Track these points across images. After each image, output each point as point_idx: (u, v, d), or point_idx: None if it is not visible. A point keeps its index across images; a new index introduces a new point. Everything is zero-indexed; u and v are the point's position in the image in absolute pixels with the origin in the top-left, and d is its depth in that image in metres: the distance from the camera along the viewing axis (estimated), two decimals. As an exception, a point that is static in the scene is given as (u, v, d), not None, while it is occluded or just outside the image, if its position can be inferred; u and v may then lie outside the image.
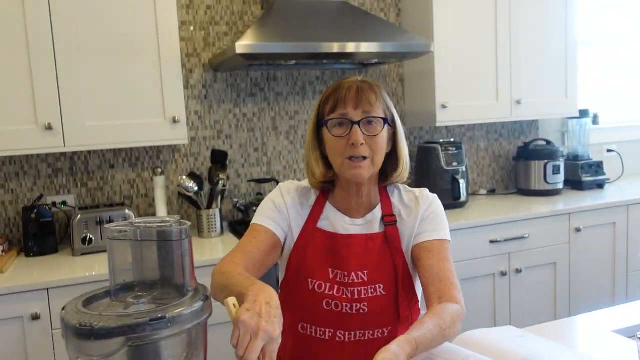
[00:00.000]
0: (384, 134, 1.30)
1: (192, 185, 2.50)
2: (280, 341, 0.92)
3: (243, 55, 2.28)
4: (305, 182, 1.43)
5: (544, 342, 1.28)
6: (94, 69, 2.25)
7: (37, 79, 2.17)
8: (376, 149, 1.28)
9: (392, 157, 1.36)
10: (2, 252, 2.31)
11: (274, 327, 0.91)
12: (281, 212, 1.36)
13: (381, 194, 1.39)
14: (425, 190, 1.42)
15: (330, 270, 1.31)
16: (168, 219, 0.88)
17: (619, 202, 2.95)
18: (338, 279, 1.30)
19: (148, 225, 0.86)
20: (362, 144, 1.25)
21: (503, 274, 2.68)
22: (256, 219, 1.36)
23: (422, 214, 1.35)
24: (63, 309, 0.83)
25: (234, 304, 0.93)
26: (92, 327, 0.74)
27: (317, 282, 1.30)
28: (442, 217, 1.38)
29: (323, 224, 1.36)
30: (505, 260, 2.69)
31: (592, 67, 3.72)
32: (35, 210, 2.36)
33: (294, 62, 2.59)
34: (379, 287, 1.30)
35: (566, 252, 2.84)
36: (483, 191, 3.35)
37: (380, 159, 1.31)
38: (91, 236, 2.32)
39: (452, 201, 2.92)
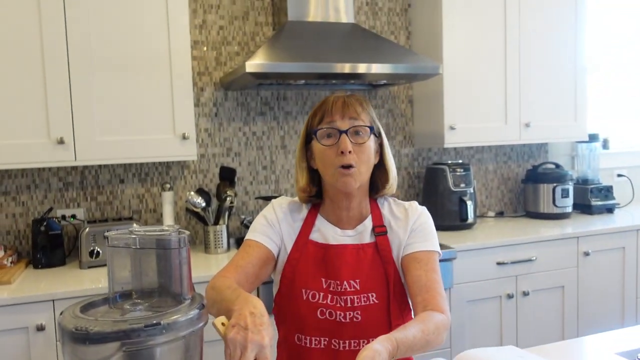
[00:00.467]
0: (371, 144, 1.35)
1: (199, 201, 2.53)
2: (270, 345, 0.94)
3: (253, 74, 2.31)
4: (297, 198, 1.46)
5: (544, 363, 1.27)
6: (106, 84, 2.30)
7: (51, 93, 2.22)
8: (363, 159, 1.32)
9: (380, 169, 1.41)
10: (11, 263, 2.34)
11: (261, 335, 0.93)
12: (273, 226, 1.39)
13: (371, 205, 1.43)
14: (415, 203, 1.45)
15: (323, 280, 1.34)
16: (167, 228, 0.89)
17: (629, 227, 2.92)
18: (331, 289, 1.33)
19: (147, 233, 0.88)
20: (350, 152, 1.29)
21: (510, 296, 2.66)
22: (249, 235, 1.39)
23: (412, 225, 1.39)
24: (61, 313, 0.84)
25: (222, 323, 0.96)
26: (87, 332, 0.75)
27: (311, 292, 1.33)
28: (431, 229, 1.41)
29: (315, 235, 1.40)
30: (512, 282, 2.67)
31: (602, 91, 3.72)
32: (45, 223, 2.39)
33: (303, 82, 2.63)
34: (372, 296, 1.33)
35: (574, 275, 2.81)
36: (491, 213, 3.34)
37: (367, 168, 1.35)
38: (98, 249, 2.34)
39: (459, 222, 2.91)
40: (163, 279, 0.89)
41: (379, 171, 1.41)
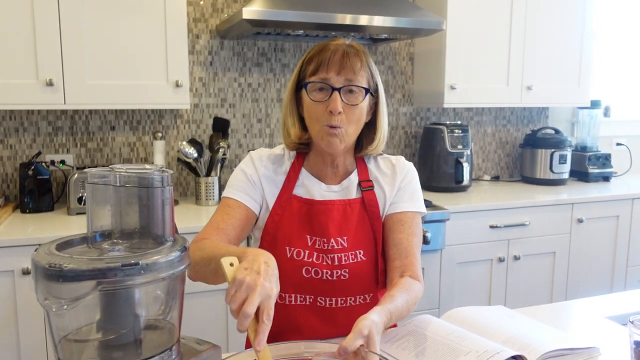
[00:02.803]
0: (364, 104, 1.26)
1: (191, 151, 2.48)
2: (275, 300, 0.89)
3: (250, 22, 2.23)
4: (277, 149, 1.39)
5: (533, 323, 1.26)
6: (98, 26, 2.21)
7: (39, 33, 2.14)
8: (353, 120, 1.24)
9: (370, 127, 1.33)
10: (-2, 206, 2.30)
11: (272, 285, 0.88)
12: (254, 183, 1.32)
13: (357, 160, 1.37)
14: (402, 158, 1.40)
15: (308, 237, 1.28)
16: (150, 166, 0.85)
17: (624, 195, 2.91)
18: (317, 246, 1.28)
19: (129, 171, 0.83)
20: (339, 113, 1.21)
21: (501, 260, 2.65)
22: (227, 192, 1.31)
23: (399, 182, 1.34)
24: (35, 250, 0.80)
25: (230, 263, 0.90)
26: (61, 269, 0.72)
27: (296, 250, 1.27)
28: (418, 187, 1.38)
29: (299, 191, 1.33)
30: (504, 246, 2.66)
31: (607, 59, 3.65)
32: (33, 167, 2.35)
33: (302, 32, 2.54)
34: (360, 253, 1.29)
35: (566, 242, 2.80)
36: (487, 177, 3.30)
37: (355, 129, 1.27)
38: (85, 196, 2.30)
39: (454, 184, 2.88)
40: (144, 220, 0.85)
41: (368, 130, 1.33)
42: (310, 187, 1.33)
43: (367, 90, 1.25)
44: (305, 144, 1.34)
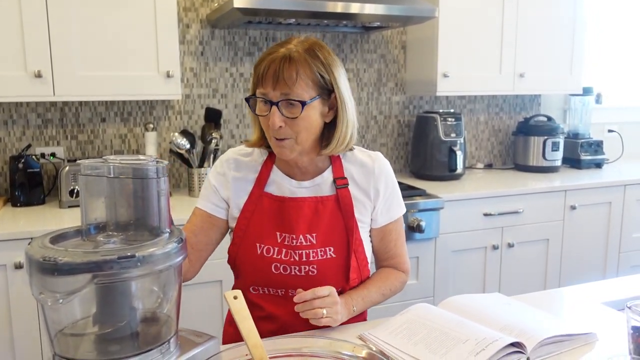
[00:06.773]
0: (310, 113, 1.21)
1: (184, 142, 2.45)
2: None
3: (241, 10, 2.21)
4: (248, 149, 1.38)
5: (530, 310, 1.26)
6: (86, 16, 2.18)
7: (27, 23, 2.10)
8: (298, 130, 1.21)
9: (333, 127, 1.28)
10: (-12, 200, 2.27)
11: None
12: (217, 191, 1.35)
13: (331, 157, 1.34)
14: (380, 156, 1.37)
15: (277, 234, 1.29)
16: (144, 157, 0.84)
17: (616, 182, 2.92)
18: (286, 243, 1.29)
19: (123, 162, 0.82)
20: (280, 127, 1.19)
21: (495, 247, 2.65)
22: (198, 201, 1.39)
23: (383, 185, 1.33)
24: (29, 244, 0.79)
25: (234, 296, 0.93)
26: (56, 262, 0.70)
27: (265, 247, 1.29)
28: (397, 187, 1.39)
29: (270, 188, 1.34)
30: (498, 234, 2.66)
31: (599, 46, 3.65)
32: (23, 160, 2.32)
33: (293, 20, 2.52)
34: (329, 250, 1.28)
35: (560, 229, 2.81)
36: (480, 165, 3.31)
37: (305, 137, 1.23)
38: (79, 188, 2.28)
39: (447, 173, 2.88)
40: (139, 211, 0.84)
41: (331, 130, 1.28)
42: (281, 184, 1.33)
43: (303, 104, 1.18)
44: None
